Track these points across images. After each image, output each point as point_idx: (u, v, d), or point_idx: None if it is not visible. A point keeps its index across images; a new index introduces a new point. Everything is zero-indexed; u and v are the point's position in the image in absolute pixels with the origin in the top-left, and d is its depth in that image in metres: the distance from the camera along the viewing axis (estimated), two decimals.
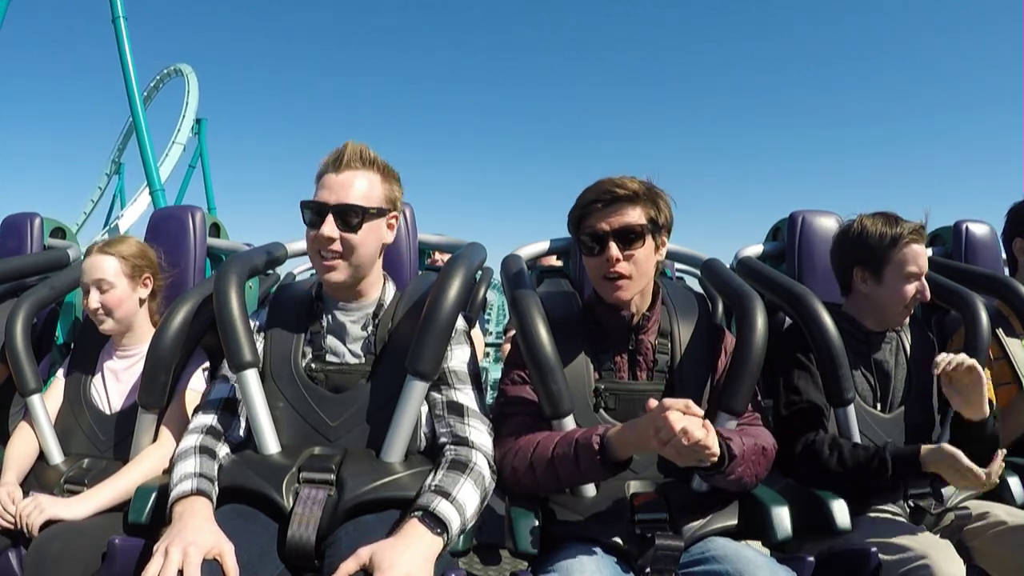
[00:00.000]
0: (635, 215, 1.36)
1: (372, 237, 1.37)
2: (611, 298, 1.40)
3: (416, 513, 1.16)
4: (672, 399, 1.13)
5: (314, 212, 1.34)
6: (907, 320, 1.70)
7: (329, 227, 1.32)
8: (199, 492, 1.20)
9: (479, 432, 1.35)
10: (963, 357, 1.41)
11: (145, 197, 14.71)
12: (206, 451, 1.30)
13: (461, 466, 1.27)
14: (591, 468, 1.23)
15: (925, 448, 1.42)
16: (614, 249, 1.35)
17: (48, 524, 1.35)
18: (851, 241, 1.70)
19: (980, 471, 1.34)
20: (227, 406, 1.39)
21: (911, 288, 1.63)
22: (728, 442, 1.22)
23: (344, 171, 1.35)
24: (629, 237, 1.35)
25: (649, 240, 1.37)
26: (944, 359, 1.41)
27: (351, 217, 1.33)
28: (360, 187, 1.35)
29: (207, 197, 19.24)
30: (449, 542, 1.16)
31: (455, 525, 1.17)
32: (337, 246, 1.33)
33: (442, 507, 1.16)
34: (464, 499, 1.21)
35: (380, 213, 1.37)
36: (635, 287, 1.39)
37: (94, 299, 1.62)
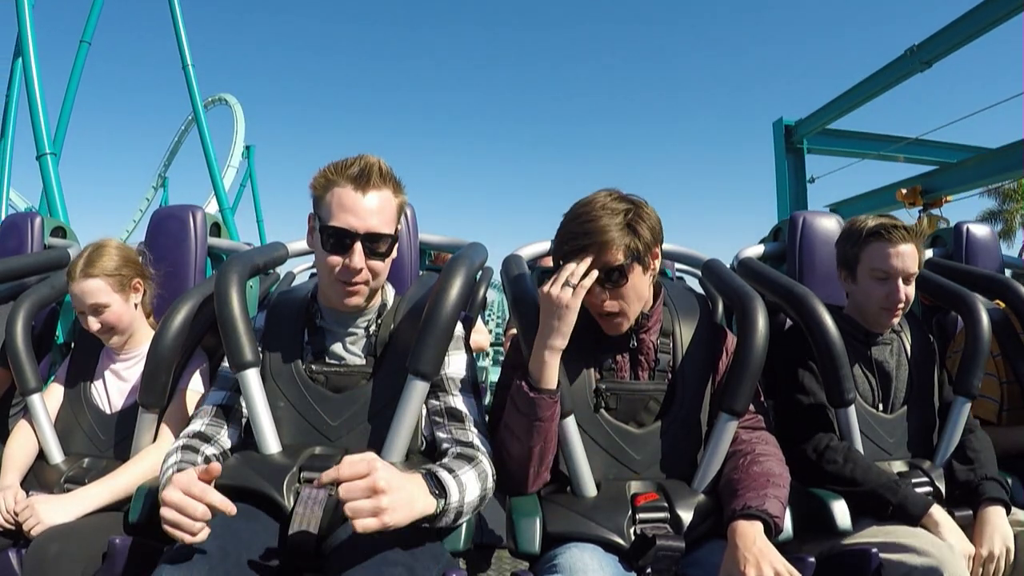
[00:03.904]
0: (613, 255, 1.30)
1: (391, 259, 1.36)
2: (611, 331, 1.40)
3: (420, 471, 1.14)
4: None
5: (341, 238, 1.27)
6: (895, 321, 1.63)
7: (359, 257, 1.27)
8: (180, 470, 1.17)
9: (481, 438, 1.34)
10: (989, 556, 1.44)
11: (213, 207, 16.46)
12: (188, 448, 1.29)
13: (467, 459, 1.26)
14: (525, 403, 1.27)
15: (935, 511, 1.42)
16: (598, 294, 1.33)
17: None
18: (837, 241, 1.71)
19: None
20: (218, 413, 1.38)
21: (883, 289, 1.58)
22: (766, 512, 1.21)
23: (369, 191, 1.28)
24: (611, 278, 1.32)
25: (634, 270, 1.33)
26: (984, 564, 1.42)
27: (380, 246, 1.29)
28: (384, 210, 1.29)
29: (256, 210, 22.32)
30: (442, 514, 1.12)
31: (453, 499, 1.13)
32: (364, 275, 1.30)
33: (444, 475, 1.14)
34: (466, 482, 1.18)
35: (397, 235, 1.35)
36: (632, 315, 1.37)
37: (94, 323, 1.62)
